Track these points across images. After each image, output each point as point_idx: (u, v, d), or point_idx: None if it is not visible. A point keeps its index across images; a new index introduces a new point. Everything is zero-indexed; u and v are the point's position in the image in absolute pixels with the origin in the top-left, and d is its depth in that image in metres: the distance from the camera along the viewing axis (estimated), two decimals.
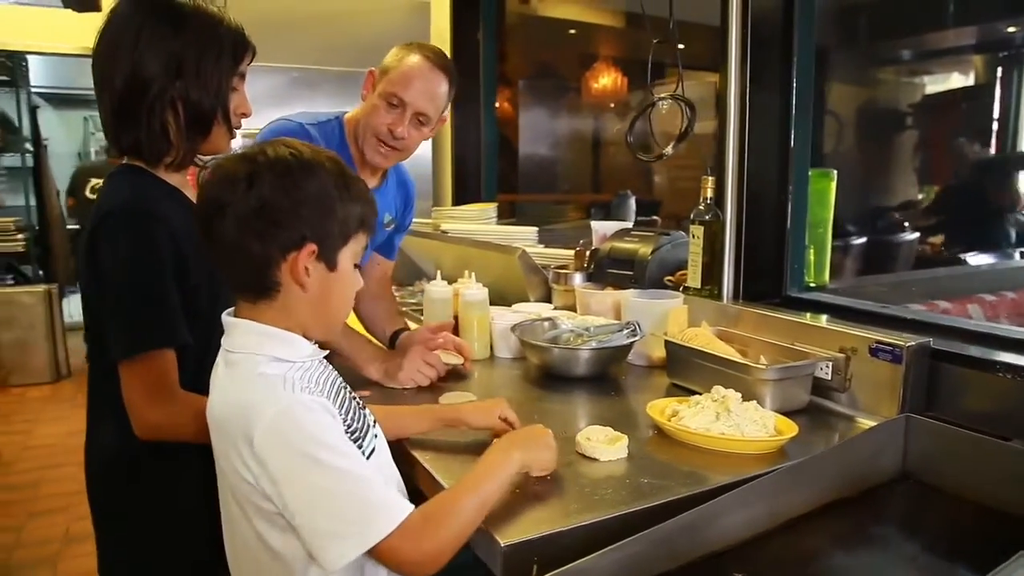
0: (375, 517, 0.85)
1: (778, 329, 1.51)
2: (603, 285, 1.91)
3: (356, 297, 1.93)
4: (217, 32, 1.19)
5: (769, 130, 1.66)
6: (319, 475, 0.85)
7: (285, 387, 0.88)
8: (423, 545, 0.87)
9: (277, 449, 0.86)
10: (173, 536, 1.20)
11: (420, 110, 1.58)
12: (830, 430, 1.29)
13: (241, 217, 0.90)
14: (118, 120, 1.17)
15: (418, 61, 1.56)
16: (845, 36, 3.85)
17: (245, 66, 1.25)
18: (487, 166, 3.41)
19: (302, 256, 0.92)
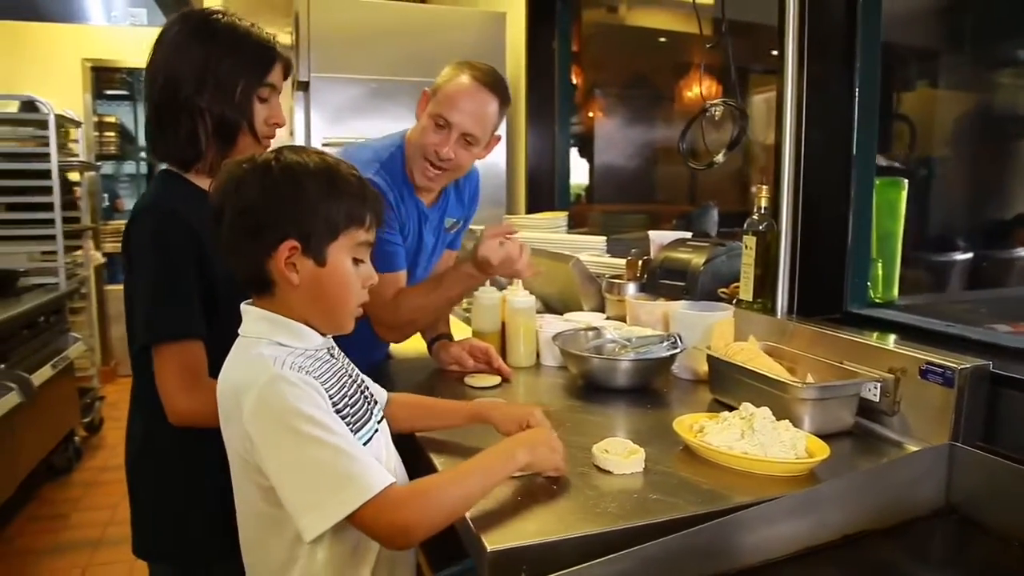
0: (349, 487, 0.87)
1: (831, 346, 1.43)
2: (656, 296, 1.86)
3: None
4: (242, 46, 1.26)
5: (829, 137, 1.57)
6: (298, 446, 0.88)
7: (275, 364, 0.92)
8: (397, 517, 0.88)
9: (261, 421, 0.90)
10: (195, 513, 1.26)
11: (467, 131, 1.58)
12: (874, 455, 1.21)
13: (232, 218, 0.97)
14: (155, 129, 1.26)
15: (466, 81, 1.57)
16: (955, 37, 3.60)
17: (276, 78, 1.30)
18: (560, 175, 3.41)
19: (281, 252, 0.96)
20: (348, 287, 1.02)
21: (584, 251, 2.45)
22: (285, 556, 0.95)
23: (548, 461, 1.05)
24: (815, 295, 1.62)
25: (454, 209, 1.83)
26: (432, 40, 3.15)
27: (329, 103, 3.04)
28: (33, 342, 2.99)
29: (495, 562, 0.88)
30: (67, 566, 2.72)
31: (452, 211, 1.82)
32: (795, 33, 1.54)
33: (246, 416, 0.91)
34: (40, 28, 4.39)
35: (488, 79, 1.60)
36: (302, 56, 3.02)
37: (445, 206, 1.80)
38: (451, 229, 1.84)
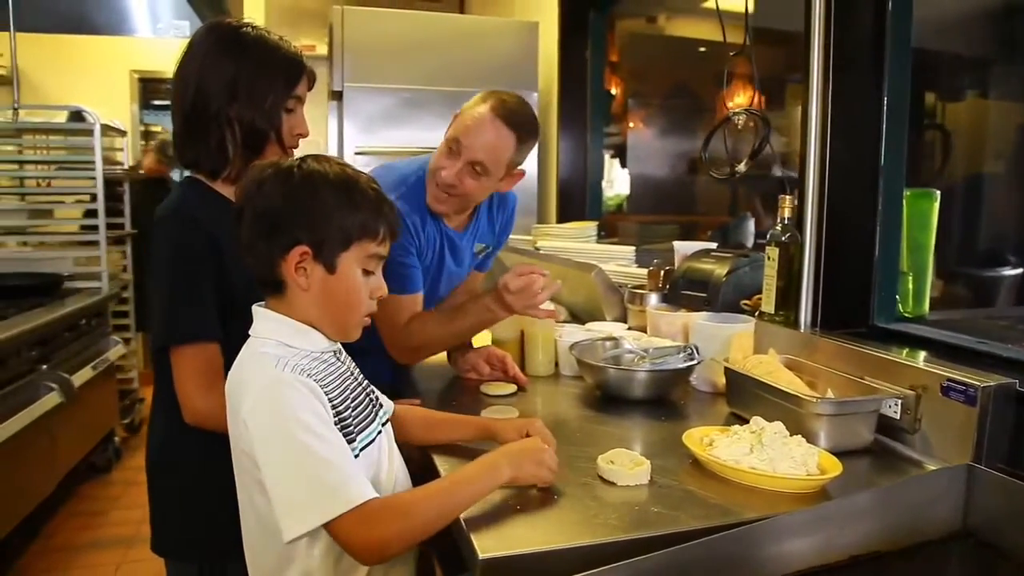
0: (329, 497, 0.89)
1: (853, 361, 1.39)
2: (677, 307, 1.83)
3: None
4: (272, 59, 1.28)
5: (855, 146, 1.53)
6: (288, 449, 0.90)
7: (276, 365, 0.95)
8: (371, 533, 0.89)
9: (258, 420, 0.92)
10: (213, 511, 1.27)
11: (474, 159, 1.53)
12: (892, 474, 1.16)
13: (251, 219, 1.00)
14: (183, 137, 1.29)
15: (483, 111, 1.53)
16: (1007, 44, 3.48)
17: (302, 90, 1.33)
18: (592, 185, 3.39)
19: (292, 256, 0.99)
20: (356, 296, 1.03)
21: (612, 261, 2.43)
22: (283, 553, 0.97)
23: (533, 474, 1.04)
24: (840, 308, 1.57)
25: (485, 235, 1.82)
26: (465, 50, 3.17)
27: (362, 112, 3.08)
28: (75, 344, 3.09)
29: (487, 569, 0.87)
30: (103, 562, 2.79)
31: (483, 237, 1.82)
32: (820, 40, 1.51)
33: (244, 412, 0.93)
34: (91, 41, 4.56)
35: (505, 111, 1.54)
36: (335, 66, 3.07)
37: (476, 231, 1.79)
38: (479, 253, 1.83)
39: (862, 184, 1.53)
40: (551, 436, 1.18)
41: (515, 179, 1.67)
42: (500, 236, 1.87)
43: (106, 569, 2.73)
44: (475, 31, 3.26)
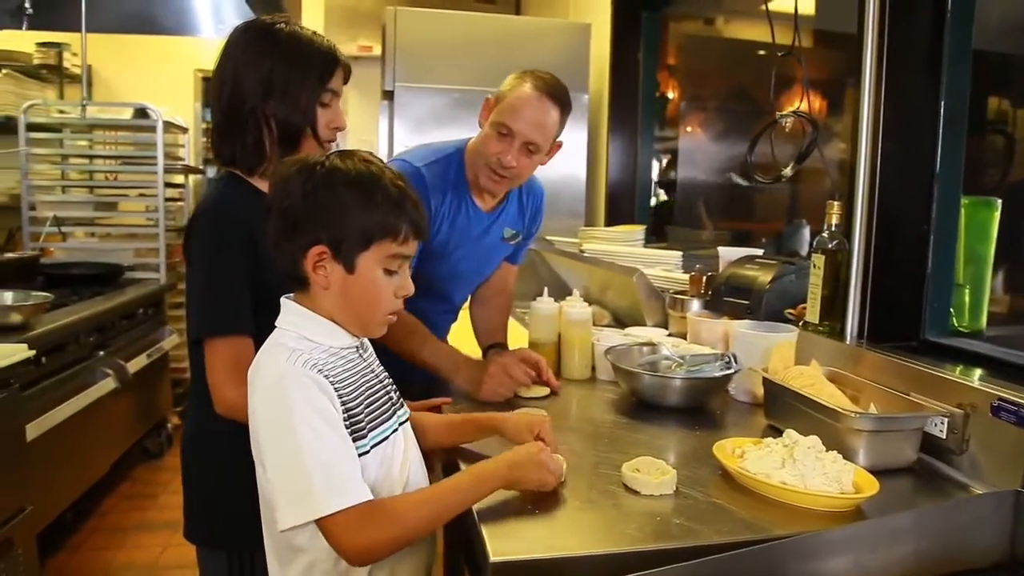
0: (322, 495, 0.89)
1: (900, 376, 1.33)
2: (719, 314, 1.79)
3: (472, 296, 1.96)
4: (306, 54, 1.29)
5: (909, 151, 1.47)
6: (288, 442, 0.91)
7: (289, 359, 0.95)
8: (359, 536, 0.90)
9: (265, 411, 0.94)
10: (243, 501, 1.30)
11: (529, 139, 1.58)
12: (935, 497, 1.11)
13: (275, 216, 1.01)
14: (221, 133, 1.31)
15: (528, 90, 1.57)
16: None
17: (337, 84, 1.33)
18: (641, 189, 3.35)
19: (311, 256, 0.99)
20: (376, 296, 1.03)
21: (657, 266, 2.39)
22: (292, 541, 0.98)
23: (534, 478, 1.03)
24: (889, 320, 1.51)
25: (515, 221, 1.83)
26: (516, 51, 3.16)
27: (412, 112, 3.11)
28: (131, 332, 3.19)
29: (498, 572, 0.86)
30: (151, 543, 2.88)
31: (513, 223, 1.82)
32: (874, 39, 1.45)
33: (254, 402, 0.95)
34: (158, 41, 4.73)
35: (549, 88, 1.59)
36: (388, 65, 3.10)
37: (505, 215, 1.80)
38: (510, 240, 1.83)
39: (915, 190, 1.47)
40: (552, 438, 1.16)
41: (555, 152, 1.70)
42: (530, 225, 1.88)
43: (152, 551, 2.82)
44: (526, 32, 3.25)
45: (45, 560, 2.65)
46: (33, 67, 4.64)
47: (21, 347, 2.09)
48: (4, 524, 2.01)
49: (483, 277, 1.88)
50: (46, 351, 2.40)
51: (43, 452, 2.33)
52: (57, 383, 2.49)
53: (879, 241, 1.49)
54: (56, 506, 2.56)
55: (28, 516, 2.13)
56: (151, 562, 2.74)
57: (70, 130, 3.84)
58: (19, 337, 2.22)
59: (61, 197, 3.79)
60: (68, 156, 3.88)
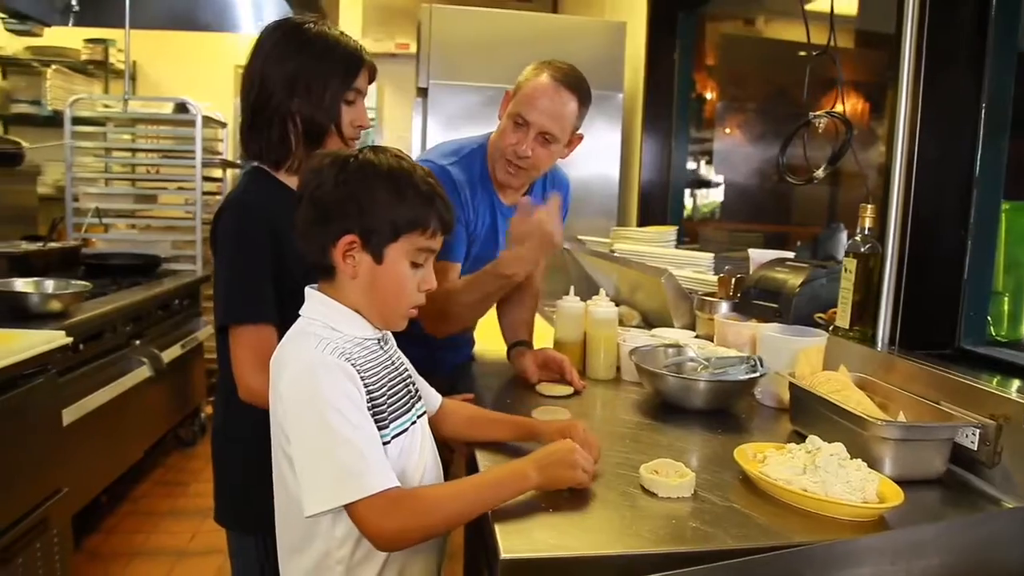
0: (351, 481, 0.90)
1: (932, 385, 1.29)
2: (748, 316, 1.76)
3: None
4: (331, 54, 1.32)
5: (948, 154, 1.42)
6: (317, 428, 0.92)
7: (318, 346, 0.97)
8: (385, 522, 0.91)
9: (293, 396, 0.95)
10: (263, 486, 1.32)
11: (544, 129, 1.57)
12: (962, 509, 1.07)
13: (306, 205, 1.02)
14: (249, 129, 1.34)
15: (544, 80, 1.57)
16: None
17: (362, 83, 1.36)
18: (675, 189, 3.31)
19: (341, 244, 1.00)
20: (402, 287, 1.04)
21: (688, 267, 2.36)
22: (308, 528, 0.99)
23: (564, 479, 1.02)
24: (922, 327, 1.47)
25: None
26: (550, 49, 3.11)
27: (445, 110, 3.12)
28: (167, 322, 3.26)
29: (507, 569, 0.85)
30: (181, 529, 2.93)
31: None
32: (913, 37, 1.41)
33: (282, 387, 0.96)
34: (199, 37, 4.82)
35: (566, 78, 1.59)
36: (422, 63, 3.12)
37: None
38: None
39: (953, 194, 1.43)
40: (595, 439, 1.15)
41: (576, 144, 1.69)
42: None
43: (183, 536, 2.88)
44: (561, 30, 3.24)
45: (81, 541, 2.73)
46: (81, 63, 4.77)
47: (59, 334, 2.14)
48: (40, 505, 2.07)
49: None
50: (84, 339, 2.47)
51: (79, 436, 2.39)
52: (94, 370, 2.55)
53: (914, 246, 1.45)
54: (90, 489, 2.63)
55: (63, 498, 2.19)
56: (181, 547, 2.80)
57: (113, 124, 3.94)
58: (58, 324, 2.28)
59: (103, 189, 3.88)
60: (110, 149, 3.98)
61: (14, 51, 4.69)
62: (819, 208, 5.16)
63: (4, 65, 4.80)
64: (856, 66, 4.80)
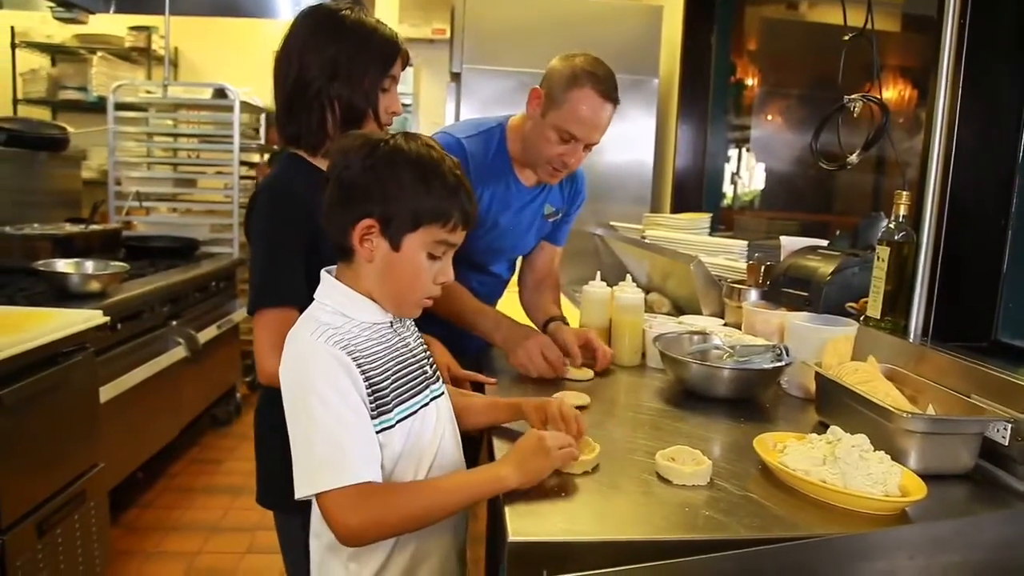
0: (324, 471, 0.92)
1: (965, 378, 1.25)
2: (777, 305, 1.72)
3: (520, 283, 1.97)
4: (370, 41, 1.32)
5: (988, 139, 1.37)
6: (302, 416, 0.94)
7: (314, 333, 0.97)
8: (349, 516, 0.91)
9: (285, 382, 0.97)
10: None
11: (592, 142, 1.63)
12: (990, 506, 1.04)
13: (333, 184, 1.02)
14: (286, 114, 1.35)
15: (588, 97, 1.56)
16: None
17: (397, 70, 1.37)
18: (710, 176, 3.26)
19: (360, 227, 1.00)
20: (416, 278, 1.03)
21: (721, 254, 2.33)
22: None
23: (542, 469, 1.01)
24: (957, 318, 1.42)
25: (555, 198, 1.84)
26: (586, 33, 3.11)
27: (478, 94, 3.10)
28: (203, 304, 3.33)
29: (515, 552, 0.85)
30: (214, 505, 3.01)
31: (553, 199, 1.84)
32: (955, 20, 1.36)
33: (281, 371, 0.98)
34: (239, 23, 4.88)
35: (611, 91, 1.59)
36: (456, 48, 3.11)
37: (547, 192, 1.82)
38: (550, 217, 1.85)
39: (994, 180, 1.37)
40: (571, 411, 1.13)
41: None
42: (570, 205, 1.89)
43: (215, 512, 2.94)
44: (597, 14, 3.19)
45: (119, 514, 2.81)
46: (125, 50, 4.88)
47: (96, 313, 2.20)
48: (78, 478, 2.14)
49: (520, 252, 1.90)
50: (122, 318, 2.53)
51: (116, 413, 2.45)
52: (131, 349, 2.62)
53: (951, 235, 1.40)
54: (127, 465, 2.70)
55: (100, 472, 2.25)
56: (214, 523, 2.87)
57: (155, 109, 4.02)
58: (96, 304, 2.34)
59: (144, 173, 3.96)
60: (152, 134, 4.07)
61: (62, 39, 4.82)
62: (862, 197, 5.01)
63: (53, 53, 4.94)
64: (902, 50, 4.66)
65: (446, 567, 1.08)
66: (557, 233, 1.91)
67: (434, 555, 1.06)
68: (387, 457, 0.99)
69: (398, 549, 1.03)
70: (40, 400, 1.94)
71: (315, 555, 1.06)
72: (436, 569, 1.06)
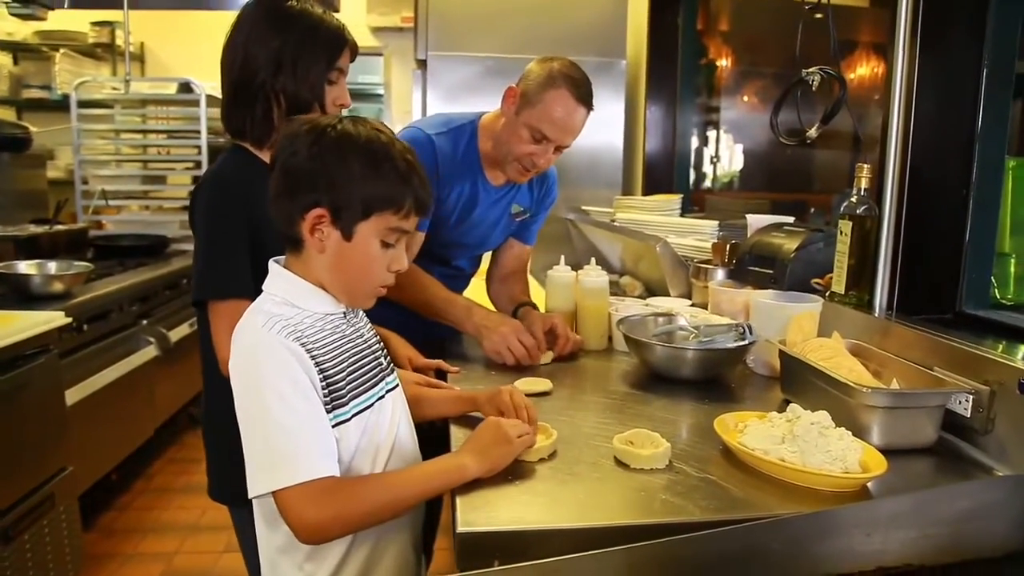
0: (281, 467, 0.88)
1: (929, 350, 1.24)
2: (743, 284, 1.71)
3: (488, 277, 1.95)
4: (316, 33, 1.29)
5: (947, 109, 1.35)
6: (256, 411, 0.91)
7: (264, 325, 0.94)
8: (308, 512, 0.88)
9: (235, 376, 0.94)
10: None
11: (564, 145, 1.62)
12: (953, 479, 1.03)
13: (278, 172, 0.99)
14: (231, 106, 1.31)
15: (563, 98, 1.55)
16: None
17: (344, 62, 1.34)
18: (680, 158, 3.23)
19: (310, 218, 0.96)
20: (369, 267, 1.00)
21: (691, 235, 2.31)
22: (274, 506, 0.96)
23: (504, 456, 1.00)
24: (922, 291, 1.41)
25: (523, 197, 1.82)
26: (551, 17, 3.08)
27: (445, 82, 3.06)
28: (174, 302, 3.27)
29: (464, 543, 0.83)
30: (192, 505, 2.97)
31: (521, 199, 1.82)
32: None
33: (231, 365, 0.95)
34: (205, 17, 4.76)
35: (586, 96, 1.58)
36: (420, 35, 3.06)
37: (515, 191, 1.80)
38: (517, 216, 1.83)
39: (954, 151, 1.35)
40: (521, 399, 1.13)
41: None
42: (539, 205, 1.87)
43: (194, 512, 2.91)
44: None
45: (95, 518, 2.77)
46: (88, 46, 4.77)
47: (58, 314, 2.16)
48: (45, 483, 2.10)
49: (486, 248, 1.88)
50: (88, 319, 2.48)
51: (85, 415, 2.41)
52: (98, 350, 2.57)
53: (912, 206, 1.39)
54: (98, 468, 2.66)
55: (69, 476, 2.21)
56: (192, 522, 2.83)
57: (120, 106, 3.94)
58: (60, 305, 2.30)
59: (112, 171, 3.89)
60: (117, 131, 3.99)
61: (23, 36, 4.70)
62: (839, 175, 5.00)
63: (14, 51, 4.83)
64: (872, 27, 4.64)
65: (403, 562, 1.06)
66: (526, 232, 1.90)
67: (391, 551, 1.04)
68: (343, 451, 0.97)
69: (355, 547, 1.00)
70: (2, 403, 1.90)
71: (265, 557, 1.03)
72: (393, 565, 1.04)
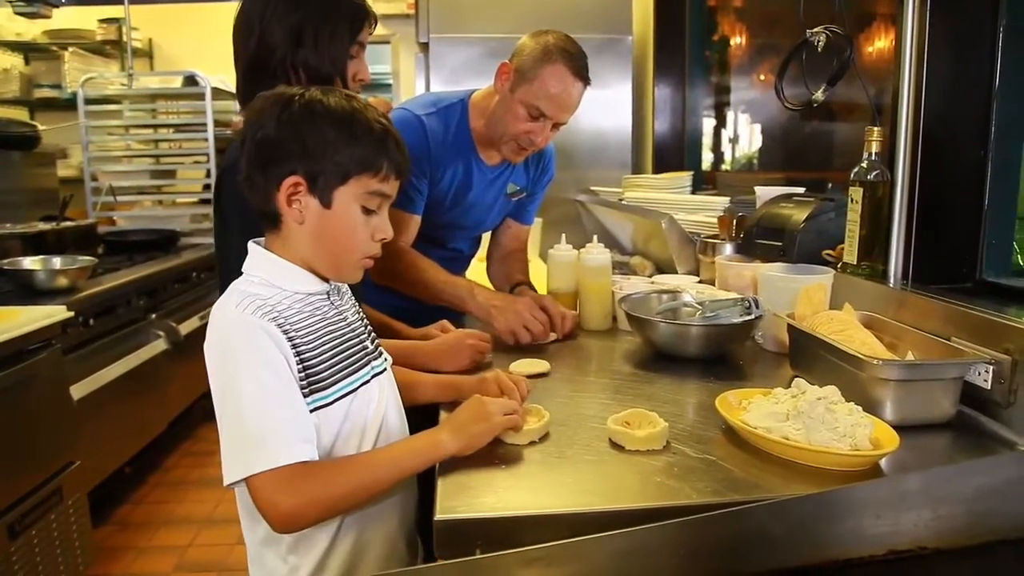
0: (255, 451, 0.85)
1: (946, 320, 1.17)
2: (752, 258, 1.64)
3: (488, 258, 1.90)
4: (337, 5, 1.25)
5: (963, 68, 1.28)
6: (231, 396, 0.87)
7: (238, 306, 0.90)
8: (280, 498, 0.84)
9: (212, 358, 0.90)
10: None
11: (561, 121, 1.57)
12: (973, 455, 0.96)
13: (249, 147, 0.95)
14: (247, 85, 1.27)
15: (560, 73, 1.50)
16: None
17: (364, 36, 1.29)
18: (690, 136, 3.15)
19: (285, 187, 0.93)
20: (353, 234, 0.97)
21: (701, 212, 2.24)
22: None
23: (482, 434, 0.96)
24: (939, 259, 1.34)
25: (519, 177, 1.78)
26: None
27: (447, 64, 3.01)
28: (184, 295, 3.26)
29: (443, 531, 0.78)
30: (206, 498, 2.97)
31: (516, 178, 1.77)
32: None
33: (206, 348, 0.91)
34: (210, 10, 4.75)
35: (582, 69, 1.53)
36: (422, 17, 3.01)
37: (510, 170, 1.75)
38: (513, 196, 1.78)
39: (970, 111, 1.28)
40: (509, 383, 1.10)
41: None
42: (535, 184, 1.82)
43: (207, 505, 2.91)
44: None
45: (110, 511, 2.78)
46: (97, 44, 4.78)
47: (60, 308, 2.14)
48: (52, 477, 2.09)
49: (483, 230, 1.85)
50: (94, 314, 2.47)
51: (94, 410, 2.40)
52: (105, 345, 2.56)
53: (927, 170, 1.31)
54: (110, 462, 2.65)
55: (77, 470, 2.21)
56: (205, 515, 2.83)
57: (128, 102, 3.93)
58: (65, 300, 2.28)
59: (120, 167, 3.89)
60: (124, 127, 3.98)
61: (33, 36, 4.72)
62: (859, 151, 4.82)
63: (25, 51, 4.85)
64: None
65: (393, 555, 1.02)
66: (523, 212, 1.85)
67: (378, 541, 1.00)
68: (324, 436, 0.93)
69: (340, 536, 0.96)
70: (4, 399, 1.89)
71: (251, 551, 1.00)
72: (382, 555, 1.00)
